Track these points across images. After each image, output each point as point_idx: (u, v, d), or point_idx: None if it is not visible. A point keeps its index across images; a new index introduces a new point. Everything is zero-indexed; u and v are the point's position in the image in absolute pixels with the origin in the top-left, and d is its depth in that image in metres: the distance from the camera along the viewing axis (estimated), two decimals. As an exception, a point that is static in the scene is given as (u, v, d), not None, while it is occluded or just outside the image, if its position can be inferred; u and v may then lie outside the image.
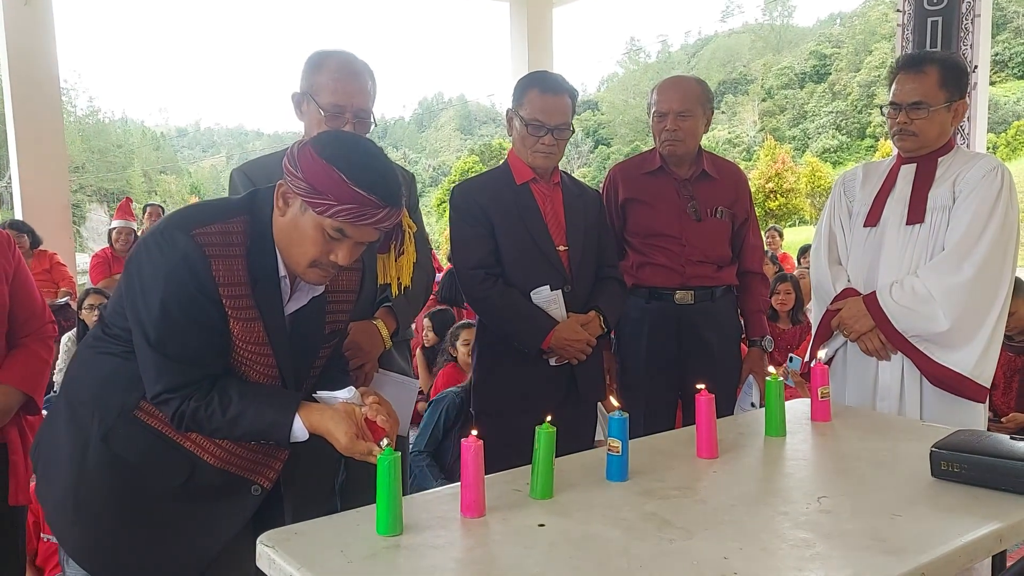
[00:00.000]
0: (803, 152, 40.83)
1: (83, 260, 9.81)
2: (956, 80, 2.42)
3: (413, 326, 2.48)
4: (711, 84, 3.67)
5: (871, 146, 42.59)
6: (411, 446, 3.35)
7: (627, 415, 1.68)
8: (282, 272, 1.65)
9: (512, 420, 2.21)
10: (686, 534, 1.44)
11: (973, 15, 5.58)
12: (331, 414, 1.62)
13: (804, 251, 6.67)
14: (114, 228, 6.85)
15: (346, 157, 1.53)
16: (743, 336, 2.99)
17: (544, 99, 2.37)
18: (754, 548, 1.37)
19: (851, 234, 2.59)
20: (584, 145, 50.78)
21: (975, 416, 2.35)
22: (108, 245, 6.85)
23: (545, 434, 1.61)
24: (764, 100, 52.44)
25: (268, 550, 1.41)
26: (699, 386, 1.85)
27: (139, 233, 7.09)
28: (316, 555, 1.38)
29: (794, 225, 26.38)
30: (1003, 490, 1.55)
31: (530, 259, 2.43)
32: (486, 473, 1.55)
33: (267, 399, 1.63)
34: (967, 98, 2.51)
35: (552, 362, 2.45)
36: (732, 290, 2.90)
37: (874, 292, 2.42)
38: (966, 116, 2.48)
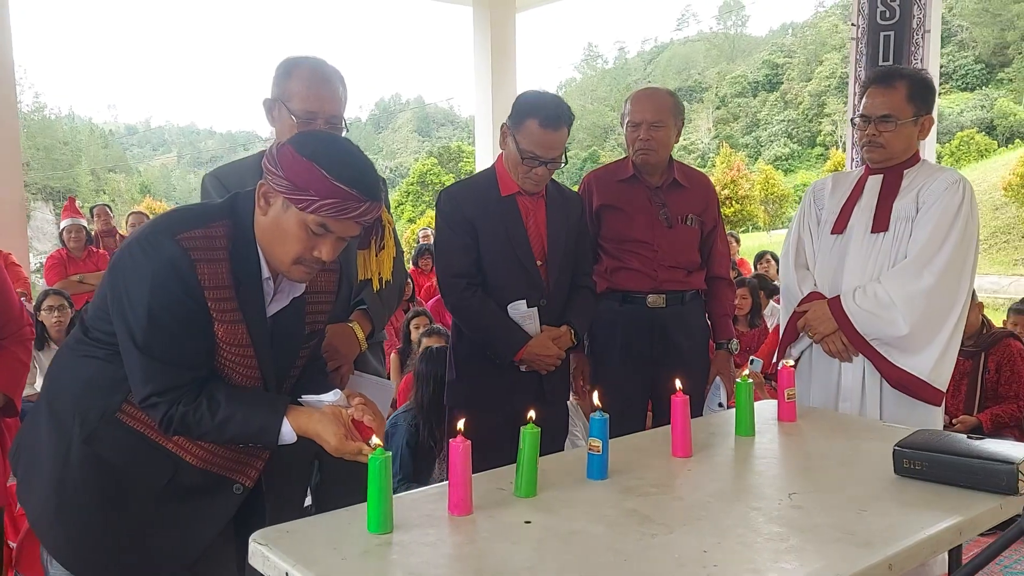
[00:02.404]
0: (756, 159, 41.56)
1: (31, 260, 9.58)
2: (924, 96, 2.51)
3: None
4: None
5: (821, 154, 43.55)
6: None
7: (608, 416, 1.74)
8: (265, 274, 1.67)
9: (483, 419, 2.23)
10: (666, 529, 1.50)
11: (923, 30, 5.79)
12: (319, 417, 1.65)
13: (760, 256, 6.83)
14: (64, 227, 6.71)
15: (326, 154, 1.56)
16: (710, 339, 3.07)
17: (543, 134, 2.37)
18: (731, 542, 1.44)
19: (819, 241, 2.68)
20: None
21: (933, 418, 2.45)
22: (61, 245, 6.72)
23: (530, 434, 1.66)
24: (718, 108, 53.27)
25: (261, 548, 1.43)
26: (677, 386, 1.91)
27: (91, 232, 6.97)
28: (309, 552, 1.41)
29: (748, 231, 26.89)
30: (961, 486, 1.64)
31: (509, 272, 2.48)
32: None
33: (255, 403, 1.66)
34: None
35: (522, 368, 2.52)
36: (700, 294, 2.99)
37: (838, 296, 2.51)
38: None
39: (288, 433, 1.65)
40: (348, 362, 2.15)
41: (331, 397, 1.72)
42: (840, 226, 2.61)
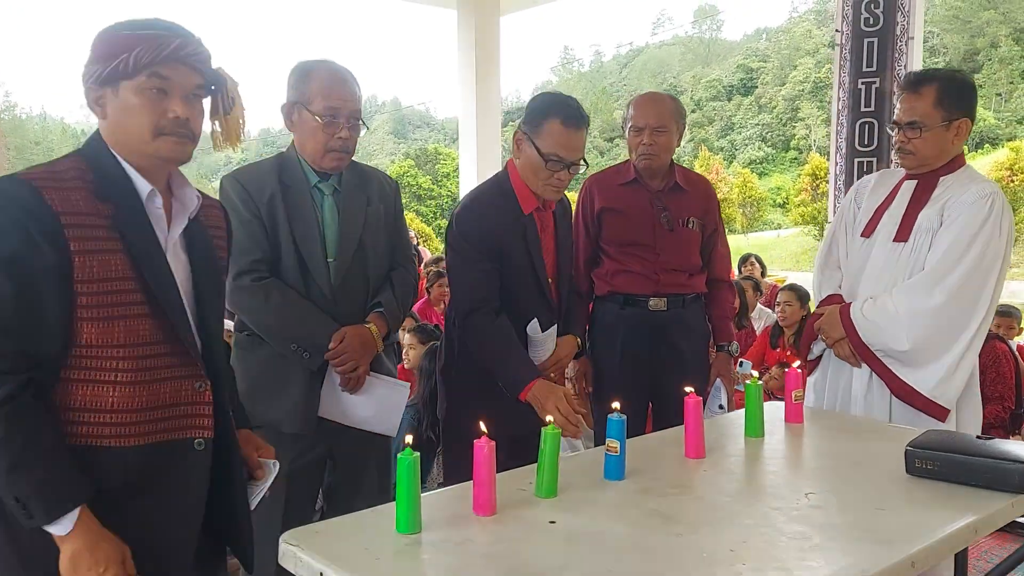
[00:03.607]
0: (731, 163, 41.91)
1: None
2: (957, 98, 2.41)
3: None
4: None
5: (795, 158, 44.05)
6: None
7: (625, 417, 1.76)
8: (145, 186, 1.49)
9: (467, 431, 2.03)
10: (690, 529, 1.52)
11: (907, 37, 5.87)
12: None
13: (744, 259, 6.90)
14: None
15: (119, 23, 1.49)
16: (710, 341, 3.10)
17: (567, 134, 2.24)
18: (756, 540, 1.47)
19: (852, 241, 2.66)
20: (518, 151, 51.03)
21: (941, 426, 2.41)
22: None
23: (551, 435, 1.68)
24: (693, 111, 53.64)
25: (293, 548, 1.43)
26: (688, 389, 1.94)
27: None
28: (341, 553, 1.41)
29: (726, 234, 27.10)
30: (973, 485, 1.68)
31: (527, 293, 2.37)
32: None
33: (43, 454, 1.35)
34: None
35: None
36: (700, 297, 3.00)
37: (850, 303, 2.51)
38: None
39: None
40: (365, 363, 2.16)
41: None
42: (869, 230, 2.58)
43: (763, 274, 6.79)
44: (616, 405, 1.79)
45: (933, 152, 2.44)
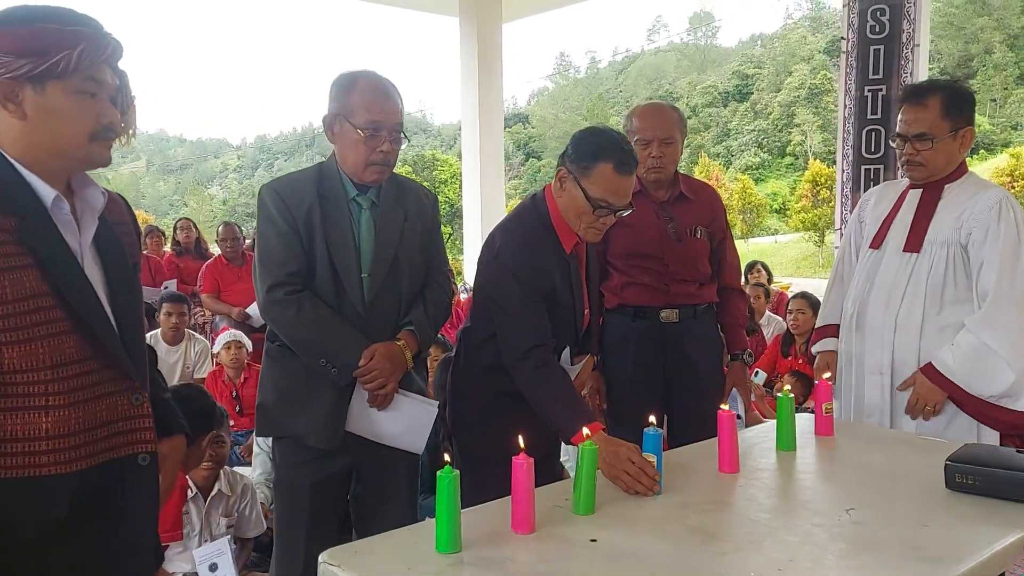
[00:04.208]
0: (727, 168, 42.00)
1: None
2: (959, 108, 2.45)
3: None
4: (638, 101, 3.74)
5: (791, 164, 44.16)
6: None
7: (662, 432, 1.73)
8: (48, 192, 1.38)
9: (495, 460, 1.93)
10: (734, 547, 1.50)
11: (913, 44, 5.88)
12: None
13: (751, 267, 6.89)
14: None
15: (27, 12, 1.36)
16: (723, 350, 3.07)
17: (619, 181, 2.09)
18: (803, 558, 1.44)
19: (861, 255, 2.69)
20: (515, 158, 51.12)
21: (966, 432, 2.41)
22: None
23: (588, 451, 1.66)
24: (689, 117, 53.72)
25: (333, 568, 1.41)
26: (723, 407, 1.91)
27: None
28: (383, 573, 1.39)
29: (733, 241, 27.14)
30: (1016, 501, 1.66)
31: (565, 327, 2.26)
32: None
33: None
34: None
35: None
36: (712, 307, 2.97)
37: (930, 363, 2.43)
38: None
39: None
40: (394, 381, 2.13)
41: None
42: (878, 241, 2.60)
43: (769, 281, 6.79)
44: (652, 419, 1.76)
45: (943, 162, 2.47)
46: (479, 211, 9.20)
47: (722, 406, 1.93)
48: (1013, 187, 18.99)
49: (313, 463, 2.18)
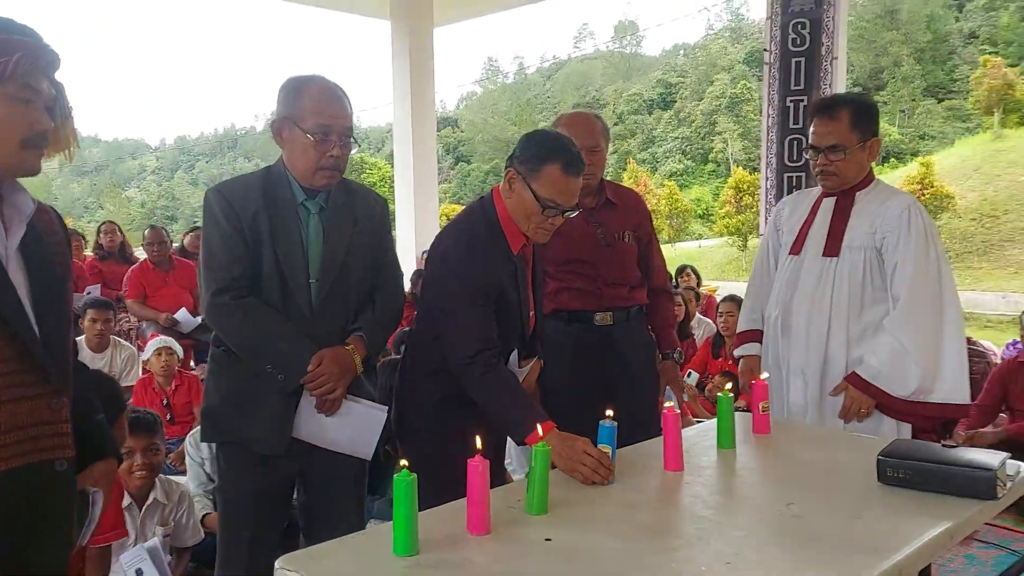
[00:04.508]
0: (653, 175, 42.76)
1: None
2: (867, 120, 2.62)
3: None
4: (565, 107, 3.82)
5: (714, 171, 45.28)
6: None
7: (616, 424, 1.78)
8: None
9: (443, 464, 2.01)
10: (684, 543, 1.55)
11: (832, 57, 6.12)
12: None
13: (681, 270, 7.05)
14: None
15: None
16: (655, 351, 3.15)
17: (567, 181, 2.11)
18: (750, 553, 1.50)
19: (780, 261, 2.82)
20: (444, 162, 51.07)
21: (882, 428, 2.56)
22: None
23: (541, 452, 1.69)
24: (616, 124, 54.56)
25: (291, 574, 1.40)
26: (668, 404, 1.97)
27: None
28: (342, 579, 1.39)
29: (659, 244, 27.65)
30: (943, 493, 1.76)
31: (512, 329, 2.26)
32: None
33: None
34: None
35: None
36: (643, 309, 3.04)
37: (855, 372, 2.56)
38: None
39: None
40: (342, 386, 2.12)
41: None
42: (797, 247, 2.75)
43: (698, 284, 6.95)
44: (610, 413, 1.81)
45: (854, 171, 2.63)
46: (412, 215, 9.17)
47: (667, 404, 1.99)
48: (923, 194, 19.88)
49: (258, 469, 2.16)
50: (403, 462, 1.50)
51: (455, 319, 2.12)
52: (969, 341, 5.47)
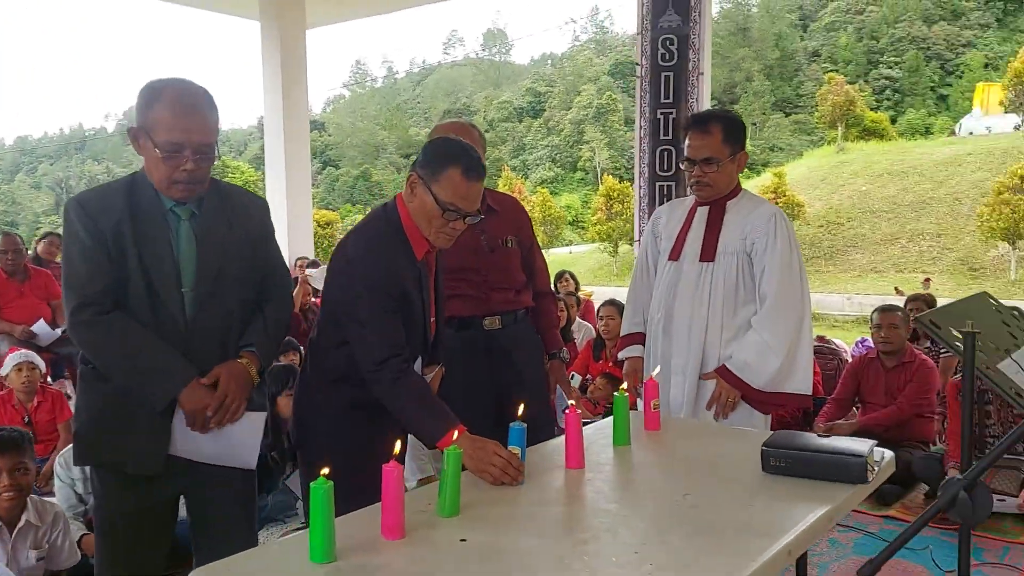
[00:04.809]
0: (524, 182, 43.37)
1: None
2: (737, 135, 2.82)
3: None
4: (436, 113, 3.89)
5: (582, 178, 46.41)
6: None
7: (525, 425, 1.84)
8: None
9: (346, 473, 1.88)
10: (593, 535, 1.62)
11: (698, 72, 6.46)
12: None
13: (560, 276, 7.22)
14: None
15: None
16: (543, 352, 3.23)
17: (467, 185, 2.13)
18: (654, 542, 1.59)
19: (660, 267, 2.99)
20: (312, 166, 49.95)
21: (754, 421, 2.78)
22: None
23: (453, 455, 1.72)
24: (487, 131, 55.01)
25: (206, 588, 1.38)
26: (570, 402, 2.04)
27: None
28: (260, 589, 1.37)
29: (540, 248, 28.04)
30: (820, 479, 1.91)
31: (416, 335, 2.26)
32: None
33: None
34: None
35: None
36: (528, 312, 3.13)
37: (724, 366, 2.76)
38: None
39: None
40: (243, 400, 2.08)
41: None
42: (676, 253, 2.92)
43: (576, 289, 7.14)
44: (520, 412, 1.86)
45: (725, 182, 2.84)
46: (285, 221, 8.96)
47: (570, 402, 2.06)
48: (777, 203, 21.18)
49: (136, 490, 2.05)
50: (324, 470, 1.50)
51: (363, 325, 2.11)
52: (822, 339, 5.94)
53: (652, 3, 6.49)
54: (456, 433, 1.84)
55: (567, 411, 2.04)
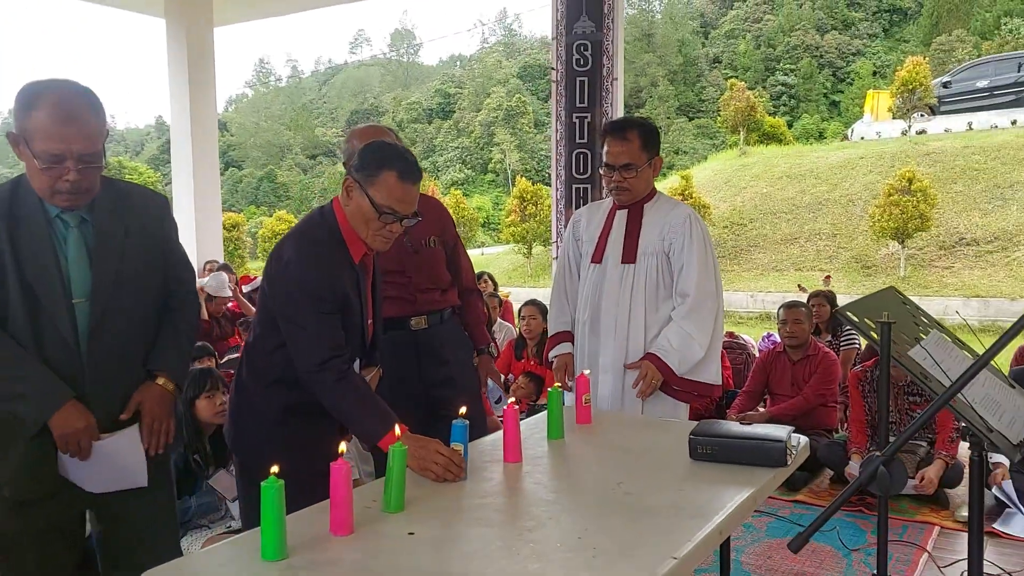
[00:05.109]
0: (436, 184, 43.24)
1: None
2: (653, 141, 2.96)
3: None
4: (343, 113, 3.90)
5: (492, 180, 46.59)
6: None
7: (468, 422, 1.90)
8: None
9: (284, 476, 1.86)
10: (537, 524, 1.69)
11: (612, 78, 6.62)
12: None
13: (479, 277, 7.27)
14: None
15: None
16: (473, 350, 3.29)
17: (403, 188, 2.15)
18: (595, 528, 1.67)
19: (584, 269, 3.09)
20: (216, 167, 48.53)
21: (677, 411, 2.92)
22: None
23: (398, 453, 1.76)
24: (397, 132, 54.54)
25: (161, 590, 1.38)
26: (510, 400, 2.10)
27: None
28: (216, 588, 1.39)
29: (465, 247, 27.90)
30: (744, 464, 2.03)
31: (353, 337, 2.28)
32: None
33: None
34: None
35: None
36: (455, 310, 3.17)
37: (654, 354, 2.86)
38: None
39: None
40: (171, 421, 2.08)
41: None
42: (598, 256, 3.04)
43: (495, 290, 7.22)
44: (463, 410, 1.91)
45: (643, 187, 2.97)
46: (193, 222, 8.72)
47: (510, 400, 2.12)
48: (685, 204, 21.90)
49: (34, 510, 1.96)
50: (274, 468, 1.52)
51: (302, 328, 2.11)
52: (732, 335, 6.20)
53: (566, 9, 6.61)
54: (399, 432, 1.88)
55: (508, 404, 2.10)
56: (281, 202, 45.45)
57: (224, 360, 5.07)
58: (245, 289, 7.74)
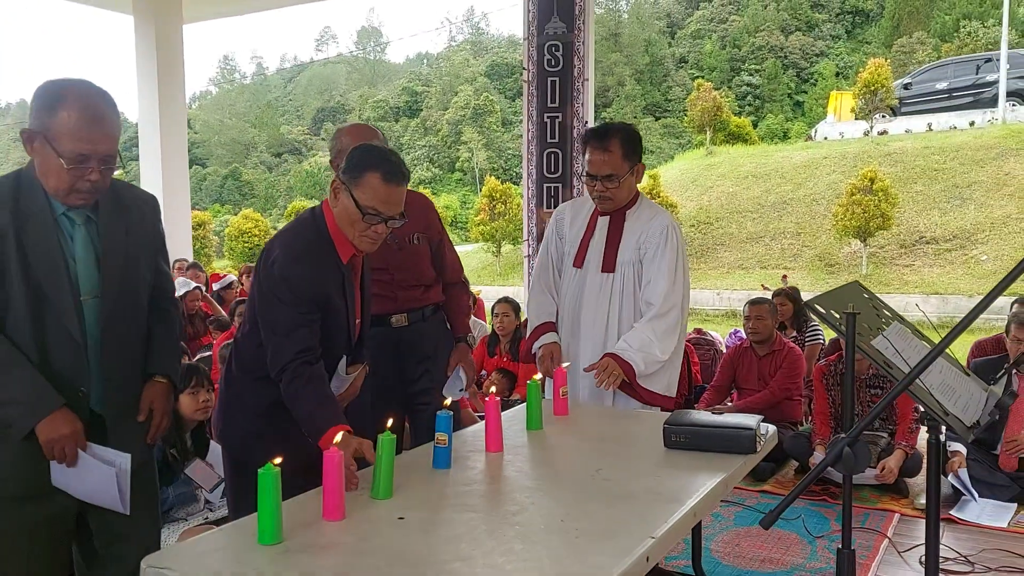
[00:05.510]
0: (403, 182, 43.03)
1: None
2: (635, 149, 2.97)
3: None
4: (309, 111, 3.90)
5: (460, 179, 46.57)
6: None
7: (452, 413, 1.97)
8: None
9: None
10: (520, 508, 1.77)
11: (583, 79, 6.72)
12: None
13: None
14: None
15: None
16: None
17: (387, 189, 2.18)
18: (576, 512, 1.75)
19: (566, 271, 3.14)
20: (180, 165, 47.90)
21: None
22: None
23: (387, 441, 1.83)
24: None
25: (161, 571, 1.43)
26: (491, 389, 2.18)
27: None
28: (216, 571, 1.45)
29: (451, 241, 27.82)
30: (716, 451, 2.13)
31: (339, 336, 2.33)
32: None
33: None
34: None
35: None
36: (439, 308, 3.19)
37: (614, 353, 2.89)
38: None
39: None
40: (168, 416, 2.14)
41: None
42: (580, 261, 3.08)
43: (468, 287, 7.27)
44: (448, 402, 1.98)
45: (626, 195, 3.01)
46: (163, 221, 8.67)
47: (465, 393, 2.19)
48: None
49: (28, 507, 1.97)
50: (276, 460, 1.58)
51: (275, 332, 2.16)
52: (700, 332, 6.33)
53: (538, 10, 6.69)
54: (340, 434, 1.90)
55: (488, 399, 2.18)
56: (246, 200, 44.95)
57: (196, 358, 5.08)
58: (215, 287, 7.72)
